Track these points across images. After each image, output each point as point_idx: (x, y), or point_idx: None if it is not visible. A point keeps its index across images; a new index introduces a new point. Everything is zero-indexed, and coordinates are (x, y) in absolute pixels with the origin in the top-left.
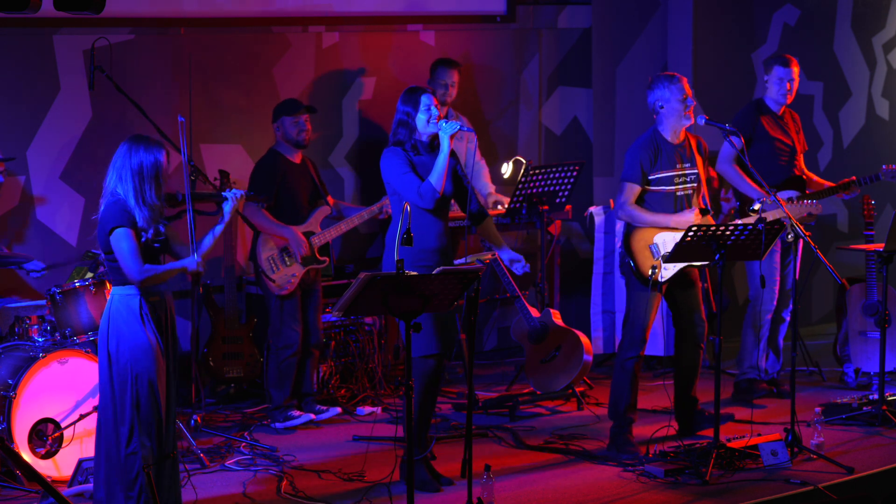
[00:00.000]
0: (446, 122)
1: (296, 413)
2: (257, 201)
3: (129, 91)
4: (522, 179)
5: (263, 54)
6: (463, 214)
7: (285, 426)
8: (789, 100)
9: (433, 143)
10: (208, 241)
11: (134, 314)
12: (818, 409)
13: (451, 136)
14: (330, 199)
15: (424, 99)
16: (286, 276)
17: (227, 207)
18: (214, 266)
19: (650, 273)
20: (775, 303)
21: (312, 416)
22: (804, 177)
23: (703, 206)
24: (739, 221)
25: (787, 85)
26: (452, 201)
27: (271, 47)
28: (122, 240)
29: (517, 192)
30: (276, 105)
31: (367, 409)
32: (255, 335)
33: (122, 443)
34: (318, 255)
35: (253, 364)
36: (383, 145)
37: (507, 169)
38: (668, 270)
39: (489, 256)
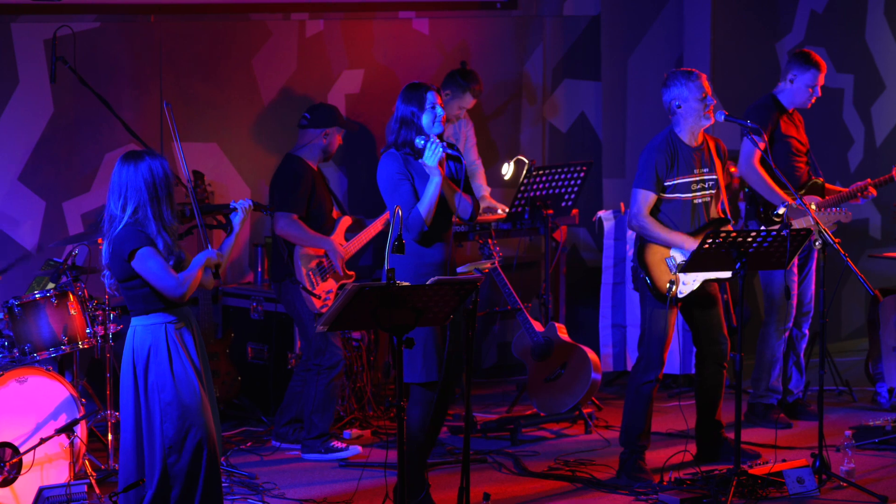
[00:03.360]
0: (429, 146)
1: (339, 444)
2: (265, 210)
3: (95, 84)
4: (525, 181)
5: (241, 44)
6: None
7: (329, 458)
8: (809, 106)
9: None
10: (226, 248)
11: (161, 346)
12: (848, 433)
13: (440, 162)
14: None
15: (430, 97)
16: (325, 291)
17: (237, 219)
18: None
19: (667, 289)
20: (793, 318)
21: (360, 448)
22: (821, 180)
23: (723, 216)
24: (763, 228)
25: (818, 91)
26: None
27: (250, 36)
28: (148, 259)
29: (519, 195)
30: (325, 109)
31: (355, 433)
32: (232, 351)
33: (154, 484)
34: (345, 270)
35: (230, 383)
36: (372, 142)
37: (508, 169)
38: (688, 285)
39: (488, 265)
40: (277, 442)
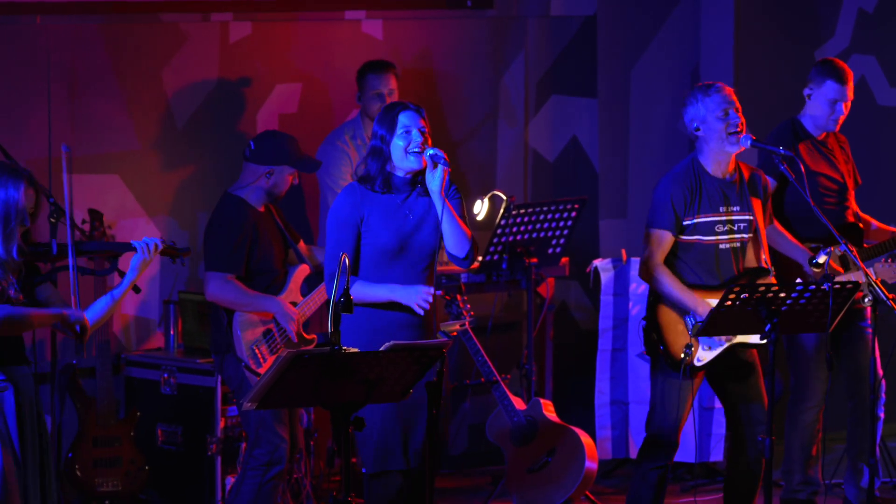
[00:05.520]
0: (429, 164)
1: None
2: (178, 255)
3: None
4: (502, 222)
5: (149, 51)
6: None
7: None
8: (837, 127)
9: (415, 180)
10: (103, 305)
11: None
12: None
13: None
14: (303, 244)
15: (403, 118)
16: None
17: (136, 261)
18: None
19: (683, 355)
20: (824, 394)
21: None
22: (861, 224)
23: (761, 265)
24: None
25: (842, 107)
26: None
27: (159, 42)
28: None
29: (495, 240)
30: (274, 139)
31: None
32: (138, 434)
33: None
34: (304, 334)
35: (135, 473)
36: (312, 175)
37: (481, 208)
38: (708, 352)
39: (457, 327)
40: None
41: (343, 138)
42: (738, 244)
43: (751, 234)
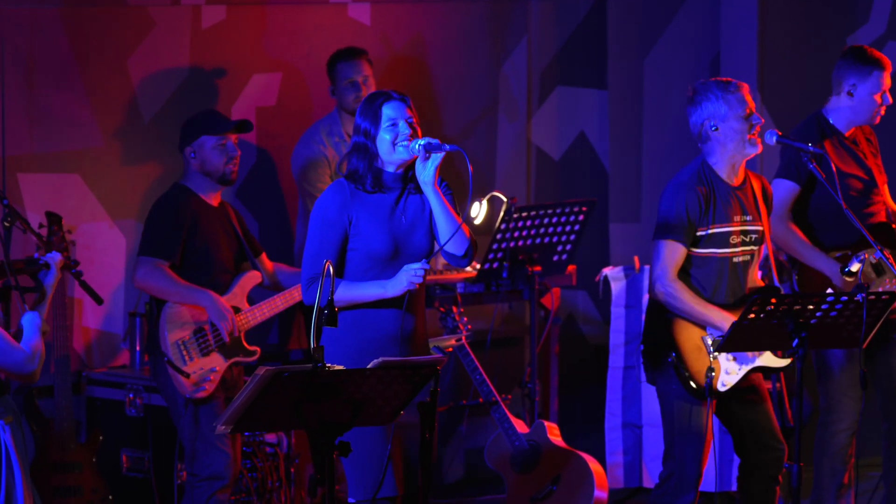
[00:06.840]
0: (422, 154)
1: None
2: (73, 267)
3: None
4: (503, 226)
5: (114, 38)
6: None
7: None
8: (878, 121)
9: (406, 175)
10: (33, 329)
11: None
12: None
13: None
14: (266, 259)
15: (387, 109)
16: (204, 369)
17: (49, 280)
18: None
19: (706, 378)
20: (857, 416)
21: None
22: (894, 224)
23: (774, 283)
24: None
25: (888, 98)
26: None
27: (125, 27)
28: None
29: (495, 246)
30: (188, 119)
31: None
32: (100, 460)
33: None
34: (245, 343)
35: (98, 503)
36: (289, 171)
37: (479, 210)
38: (732, 375)
39: (452, 343)
40: None
41: (318, 136)
42: (749, 257)
43: (759, 246)
